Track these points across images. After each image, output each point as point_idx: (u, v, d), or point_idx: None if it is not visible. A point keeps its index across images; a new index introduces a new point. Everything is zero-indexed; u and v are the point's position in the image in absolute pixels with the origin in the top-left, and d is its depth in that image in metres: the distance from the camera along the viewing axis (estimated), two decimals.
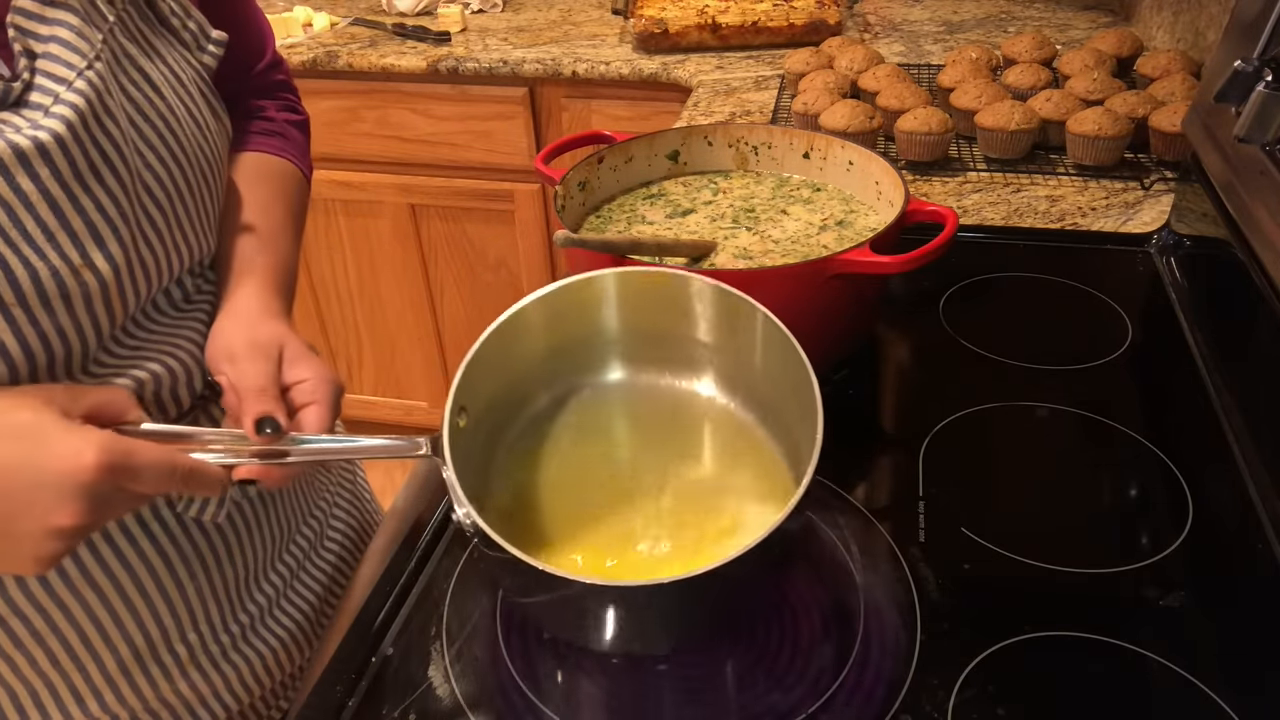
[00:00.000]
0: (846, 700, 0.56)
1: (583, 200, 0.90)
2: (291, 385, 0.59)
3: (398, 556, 0.67)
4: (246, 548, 0.70)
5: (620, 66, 1.61)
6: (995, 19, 1.71)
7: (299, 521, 0.76)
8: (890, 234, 0.76)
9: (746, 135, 0.95)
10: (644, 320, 0.64)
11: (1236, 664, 0.57)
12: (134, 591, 0.63)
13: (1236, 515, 0.68)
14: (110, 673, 0.65)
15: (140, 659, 0.65)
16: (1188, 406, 0.79)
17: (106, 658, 0.64)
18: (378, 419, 2.22)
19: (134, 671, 0.65)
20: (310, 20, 1.84)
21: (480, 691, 0.57)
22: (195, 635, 0.68)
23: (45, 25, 0.53)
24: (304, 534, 0.77)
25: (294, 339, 0.62)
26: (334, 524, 0.82)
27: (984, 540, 0.66)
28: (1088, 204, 1.08)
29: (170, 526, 0.64)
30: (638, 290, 0.63)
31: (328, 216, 1.95)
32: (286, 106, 0.81)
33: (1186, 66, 1.21)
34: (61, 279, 0.53)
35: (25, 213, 0.51)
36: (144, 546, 0.63)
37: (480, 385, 0.58)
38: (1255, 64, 0.71)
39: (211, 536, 0.67)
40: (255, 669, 0.72)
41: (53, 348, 0.54)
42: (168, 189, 0.59)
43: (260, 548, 0.71)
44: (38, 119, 0.51)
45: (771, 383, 0.61)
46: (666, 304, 0.63)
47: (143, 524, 0.63)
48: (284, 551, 0.75)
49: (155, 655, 0.66)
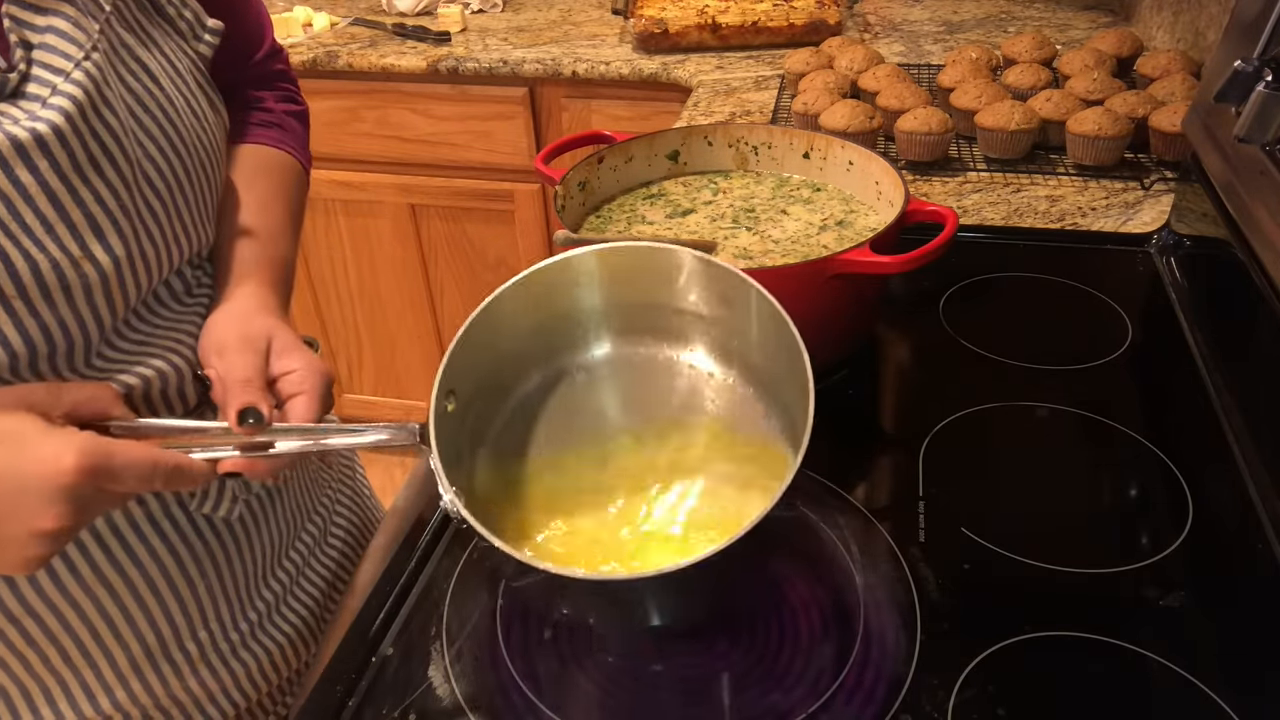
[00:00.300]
0: (846, 700, 0.56)
1: (583, 200, 0.90)
2: (280, 376, 0.59)
3: (398, 556, 0.67)
4: (255, 544, 0.70)
5: (620, 66, 1.61)
6: (995, 19, 1.71)
7: (304, 518, 0.77)
8: (890, 234, 0.76)
9: (746, 135, 0.95)
10: (632, 293, 0.63)
11: (1236, 664, 0.57)
12: (146, 589, 0.63)
13: (1236, 515, 0.68)
14: (122, 670, 0.65)
15: (152, 656, 0.66)
16: (1188, 406, 0.79)
17: (119, 655, 0.64)
18: (377, 419, 2.21)
19: (145, 669, 0.66)
20: (310, 20, 1.84)
21: (480, 691, 0.57)
22: (206, 632, 0.68)
23: (41, 16, 0.53)
24: (309, 530, 0.77)
25: (284, 331, 0.62)
26: (336, 520, 0.82)
27: (984, 540, 0.66)
28: (1088, 204, 1.08)
29: (181, 524, 0.64)
30: (622, 265, 0.62)
31: (328, 216, 1.95)
32: (285, 97, 0.81)
33: (1186, 66, 1.21)
34: (61, 270, 0.52)
35: (24, 205, 0.51)
36: (155, 544, 0.63)
37: (468, 369, 0.58)
38: (1255, 64, 0.71)
39: (222, 534, 0.67)
40: (263, 665, 0.72)
41: (54, 339, 0.54)
42: (168, 179, 0.59)
43: (268, 544, 0.72)
44: (35, 110, 0.51)
45: (768, 358, 0.60)
46: (653, 276, 0.62)
47: (154, 522, 0.63)
48: (290, 548, 0.75)
49: (167, 652, 0.66)
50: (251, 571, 0.71)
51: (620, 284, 0.62)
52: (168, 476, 0.51)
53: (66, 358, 0.55)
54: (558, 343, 0.64)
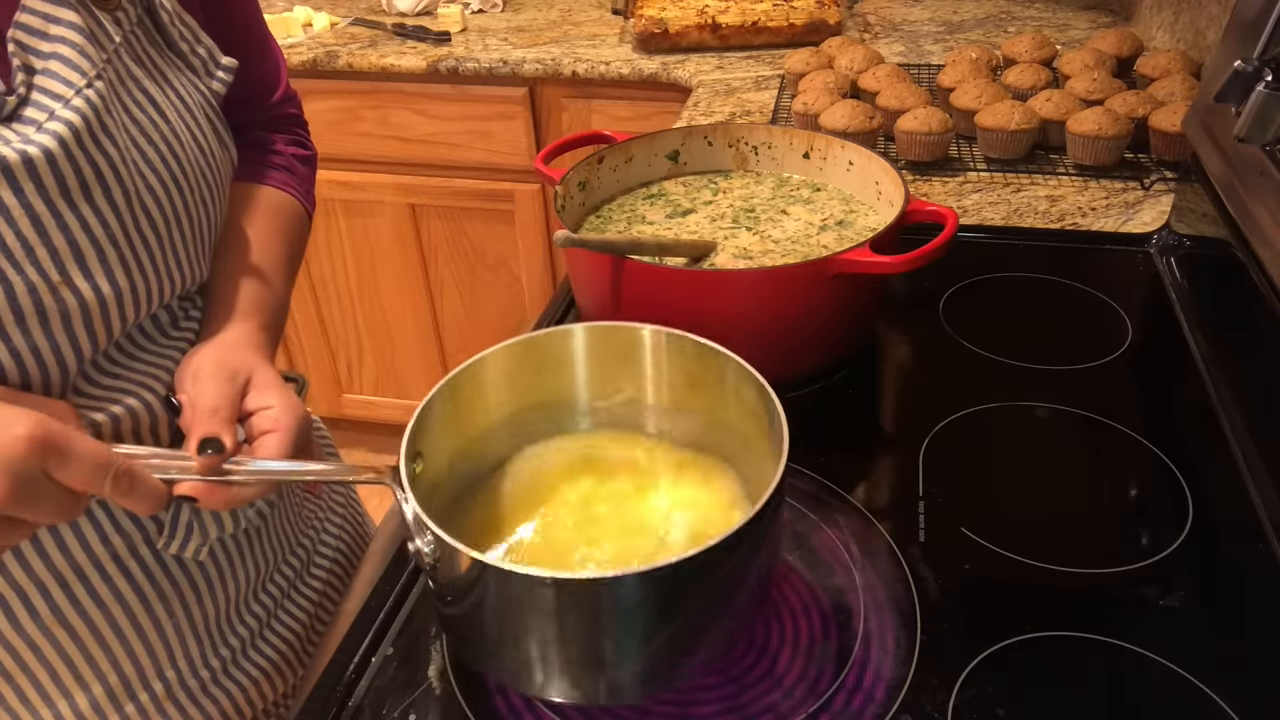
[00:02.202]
0: (846, 700, 0.56)
1: (583, 200, 0.90)
2: (255, 411, 0.57)
3: (397, 557, 0.67)
4: (229, 582, 0.68)
5: (620, 66, 1.61)
6: (995, 19, 1.71)
7: (286, 551, 0.74)
8: (890, 234, 0.76)
9: (746, 135, 0.95)
10: (605, 374, 0.64)
11: (1236, 664, 0.57)
12: (108, 630, 0.62)
13: (1236, 515, 0.68)
14: (83, 712, 0.63)
15: (115, 697, 0.64)
16: (1188, 406, 0.79)
17: (79, 697, 0.63)
18: (378, 419, 2.22)
19: (107, 710, 0.64)
20: (310, 20, 1.84)
21: (480, 691, 0.57)
22: (174, 671, 0.66)
23: (47, 42, 0.52)
24: (289, 564, 0.75)
25: (266, 368, 0.60)
26: (322, 548, 0.80)
27: (984, 540, 0.66)
28: (1088, 204, 1.08)
29: (148, 564, 0.62)
30: (600, 341, 0.63)
31: (328, 216, 1.95)
32: (295, 141, 0.80)
33: (1186, 66, 1.20)
34: (39, 296, 0.51)
35: (5, 227, 0.50)
36: (120, 585, 0.61)
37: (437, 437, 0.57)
38: (1255, 64, 0.71)
39: (192, 572, 0.65)
40: (237, 701, 0.70)
41: (27, 367, 0.52)
42: (165, 212, 0.58)
43: (244, 581, 0.69)
44: (29, 134, 0.51)
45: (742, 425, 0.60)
46: (626, 356, 0.63)
47: (119, 561, 0.61)
48: (268, 582, 0.72)
49: (131, 693, 0.64)
50: (224, 609, 0.68)
51: (598, 361, 0.64)
52: (117, 479, 0.48)
53: (42, 388, 0.54)
54: (534, 420, 0.65)
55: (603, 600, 0.47)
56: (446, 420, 0.58)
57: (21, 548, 0.57)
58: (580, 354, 0.64)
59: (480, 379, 0.61)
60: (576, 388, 0.65)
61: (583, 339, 0.63)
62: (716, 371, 0.60)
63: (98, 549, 0.59)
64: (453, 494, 0.52)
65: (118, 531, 0.60)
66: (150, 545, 0.62)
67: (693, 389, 0.62)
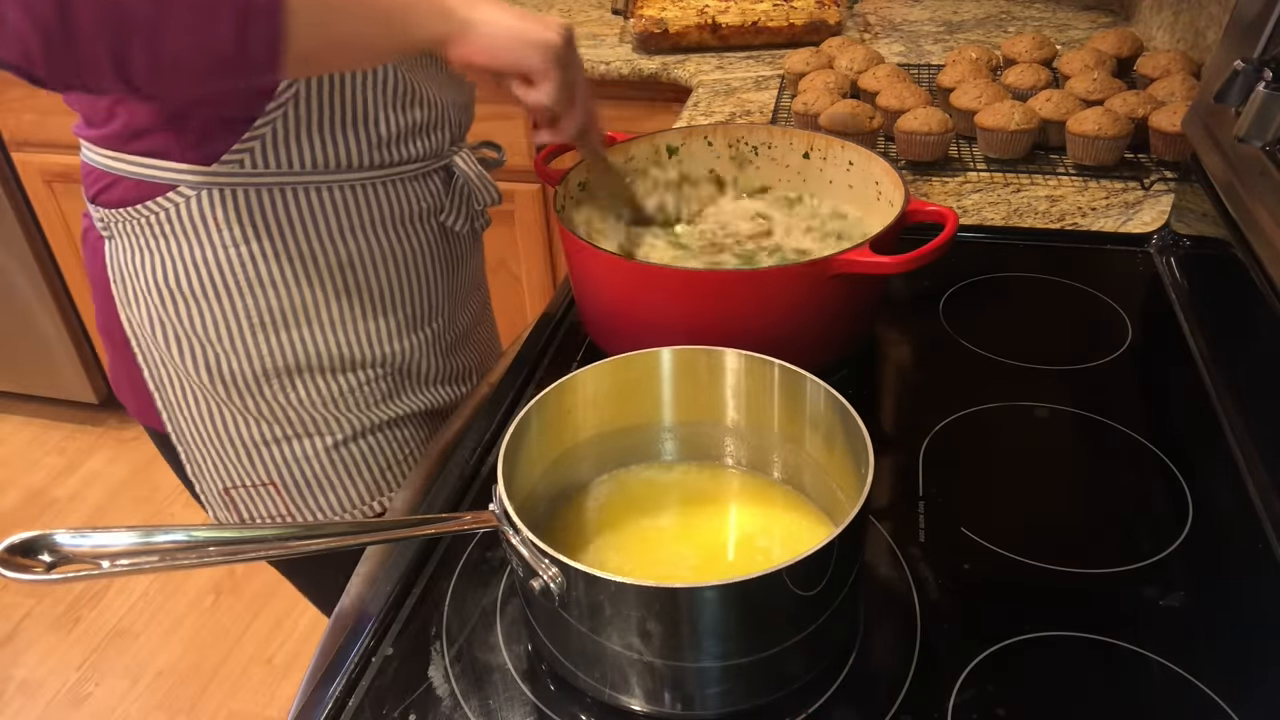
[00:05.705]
0: (846, 700, 0.56)
1: (582, 200, 0.90)
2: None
3: (398, 556, 0.67)
4: (463, 270, 0.93)
5: (620, 66, 1.61)
6: (995, 19, 1.71)
7: (473, 287, 0.99)
8: (890, 234, 0.76)
9: (746, 135, 0.95)
10: (688, 396, 0.66)
11: (1236, 664, 0.57)
12: (405, 273, 0.87)
13: (1236, 515, 0.68)
14: (391, 330, 0.88)
15: (406, 327, 0.89)
16: (1188, 406, 0.79)
17: (388, 319, 0.87)
18: None
19: (405, 333, 0.89)
20: None
21: (480, 691, 0.57)
22: (438, 323, 0.92)
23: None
24: (470, 309, 0.98)
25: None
26: (477, 329, 1.03)
27: (984, 540, 0.66)
28: (1088, 204, 1.08)
29: (433, 230, 0.88)
30: (685, 366, 0.64)
31: None
32: None
33: (1186, 66, 1.20)
34: None
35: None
36: (413, 242, 0.86)
37: (524, 468, 0.59)
38: (1255, 64, 0.71)
39: (452, 243, 0.91)
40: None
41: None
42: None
43: (465, 278, 0.95)
44: None
45: (820, 447, 0.62)
46: (712, 381, 0.65)
47: (415, 223, 0.86)
48: (469, 301, 0.98)
49: (415, 327, 0.89)
50: (459, 289, 0.94)
51: (683, 387, 0.66)
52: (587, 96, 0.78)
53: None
54: (621, 446, 0.67)
55: (754, 599, 0.50)
56: (531, 448, 0.60)
57: (362, 203, 0.82)
58: (666, 376, 0.65)
59: (563, 404, 0.62)
60: (661, 410, 0.66)
61: (669, 362, 0.64)
62: (798, 394, 0.61)
63: (405, 212, 0.85)
64: (531, 521, 0.52)
65: (419, 201, 0.85)
66: (436, 216, 0.87)
67: (773, 411, 0.64)
